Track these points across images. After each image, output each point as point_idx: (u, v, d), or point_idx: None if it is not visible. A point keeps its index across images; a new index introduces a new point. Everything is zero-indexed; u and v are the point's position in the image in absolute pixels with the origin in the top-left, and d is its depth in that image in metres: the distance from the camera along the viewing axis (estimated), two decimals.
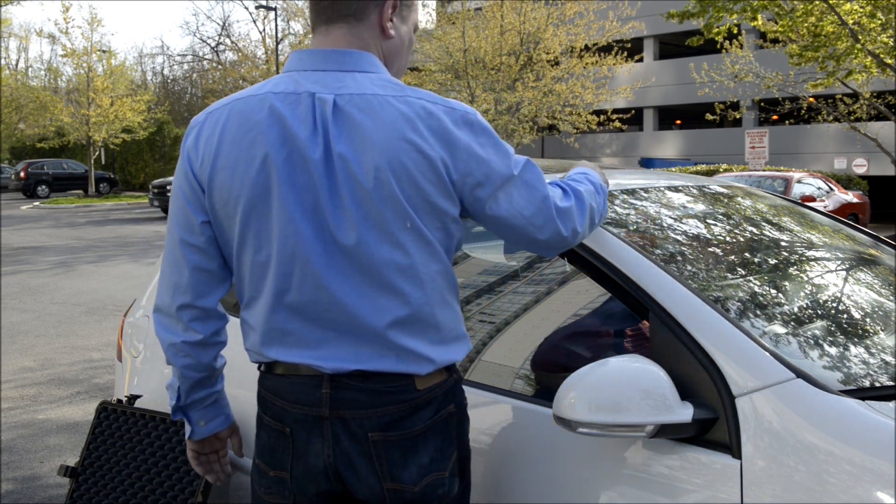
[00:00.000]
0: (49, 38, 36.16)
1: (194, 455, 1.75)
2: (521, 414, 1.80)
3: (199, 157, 1.50)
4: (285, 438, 1.50)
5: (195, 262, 1.53)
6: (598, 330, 2.04)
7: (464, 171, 1.43)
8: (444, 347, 1.48)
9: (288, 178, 1.42)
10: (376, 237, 1.41)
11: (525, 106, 24.23)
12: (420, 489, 1.46)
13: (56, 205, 27.89)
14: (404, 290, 1.43)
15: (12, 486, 3.92)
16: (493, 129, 1.48)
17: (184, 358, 1.59)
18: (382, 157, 1.39)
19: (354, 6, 1.49)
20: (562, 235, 1.52)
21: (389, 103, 1.42)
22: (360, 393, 1.45)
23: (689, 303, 1.62)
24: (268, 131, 1.43)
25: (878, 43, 13.30)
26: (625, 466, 1.60)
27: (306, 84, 1.45)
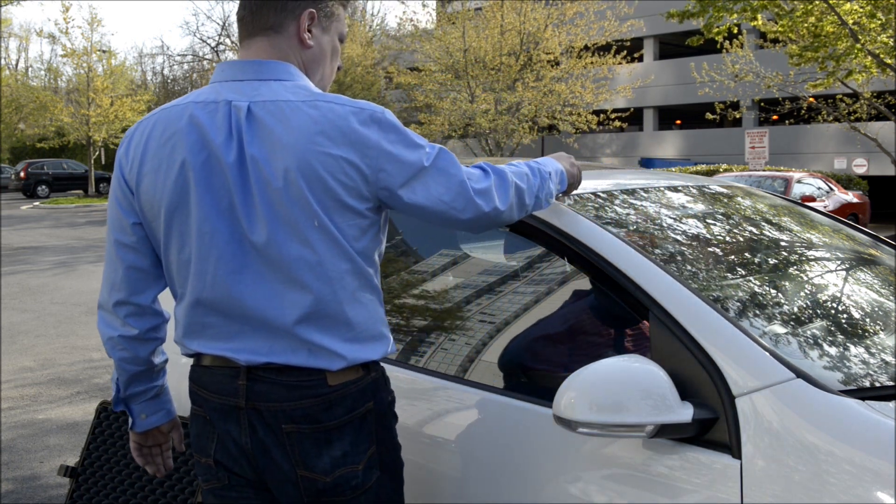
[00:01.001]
0: (49, 38, 36.23)
1: (136, 447, 1.81)
2: (520, 414, 1.80)
3: (128, 164, 1.60)
4: (208, 425, 1.60)
5: (129, 261, 1.63)
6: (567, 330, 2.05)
7: (375, 168, 1.49)
8: (358, 345, 1.53)
9: (205, 181, 1.51)
10: (286, 235, 1.48)
11: (525, 106, 24.22)
12: (332, 479, 1.53)
13: (56, 205, 27.89)
14: (312, 286, 1.49)
15: (12, 486, 3.92)
16: (401, 125, 1.54)
17: (121, 352, 1.66)
18: (292, 159, 1.46)
19: (272, 20, 1.59)
20: (483, 212, 1.57)
21: (300, 108, 1.49)
22: (275, 386, 1.51)
23: (689, 303, 1.62)
24: (187, 138, 1.52)
25: (878, 43, 13.29)
26: (625, 466, 1.60)
27: (224, 93, 1.54)
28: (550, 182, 1.75)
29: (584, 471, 1.67)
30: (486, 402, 1.85)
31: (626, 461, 1.59)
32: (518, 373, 2.09)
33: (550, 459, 1.72)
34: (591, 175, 2.58)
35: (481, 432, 1.84)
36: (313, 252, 1.49)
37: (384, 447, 1.61)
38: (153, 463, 1.83)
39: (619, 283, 1.72)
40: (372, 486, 1.57)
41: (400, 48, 31.48)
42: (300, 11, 1.59)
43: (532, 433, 1.76)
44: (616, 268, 1.73)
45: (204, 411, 1.60)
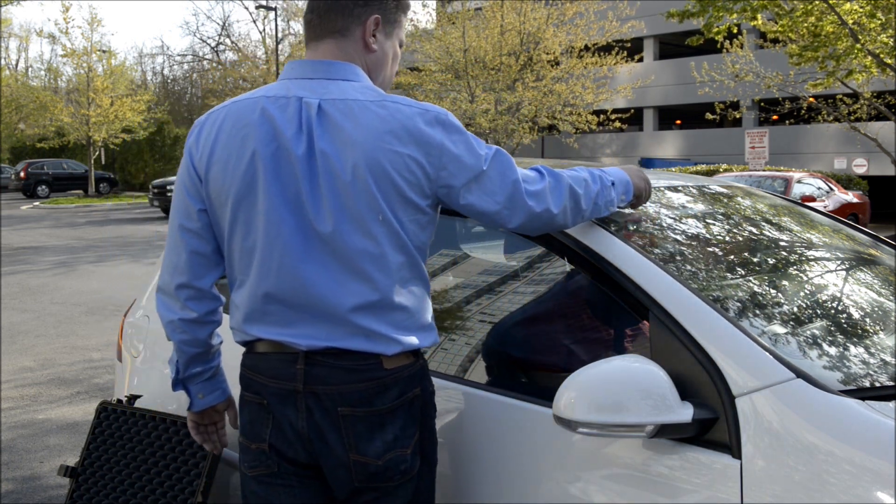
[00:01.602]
0: (49, 38, 36.22)
1: (194, 425, 1.90)
2: (520, 413, 1.80)
3: (198, 152, 1.66)
4: (264, 410, 1.64)
5: (192, 246, 1.68)
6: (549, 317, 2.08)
7: (438, 166, 1.57)
8: (410, 333, 1.62)
9: (273, 172, 1.57)
10: (351, 227, 1.55)
11: (525, 106, 24.22)
12: (383, 463, 1.59)
13: (56, 205, 27.89)
14: (373, 277, 1.57)
15: (12, 486, 3.92)
16: (463, 127, 1.62)
17: (181, 334, 1.73)
18: (361, 155, 1.54)
19: (340, 24, 1.67)
20: (536, 213, 1.63)
21: (369, 108, 1.57)
22: (332, 369, 1.58)
23: (689, 303, 1.62)
24: (258, 130, 1.59)
25: (878, 43, 13.29)
26: (625, 466, 1.60)
27: (295, 90, 1.62)
28: (612, 190, 1.77)
29: (584, 471, 1.67)
30: (486, 401, 1.85)
31: (626, 461, 1.59)
32: (501, 362, 2.10)
33: (550, 459, 1.72)
34: None
35: (481, 432, 1.84)
36: (376, 244, 1.56)
37: (425, 436, 1.68)
38: (209, 440, 1.92)
39: (619, 283, 1.72)
40: (415, 475, 1.64)
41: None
42: (366, 17, 1.68)
43: (532, 433, 1.77)
44: (616, 268, 1.73)
45: (260, 397, 1.65)
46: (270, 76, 34.38)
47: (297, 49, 38.04)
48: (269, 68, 34.95)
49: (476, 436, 1.85)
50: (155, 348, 2.79)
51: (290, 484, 1.66)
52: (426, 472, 1.69)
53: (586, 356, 1.99)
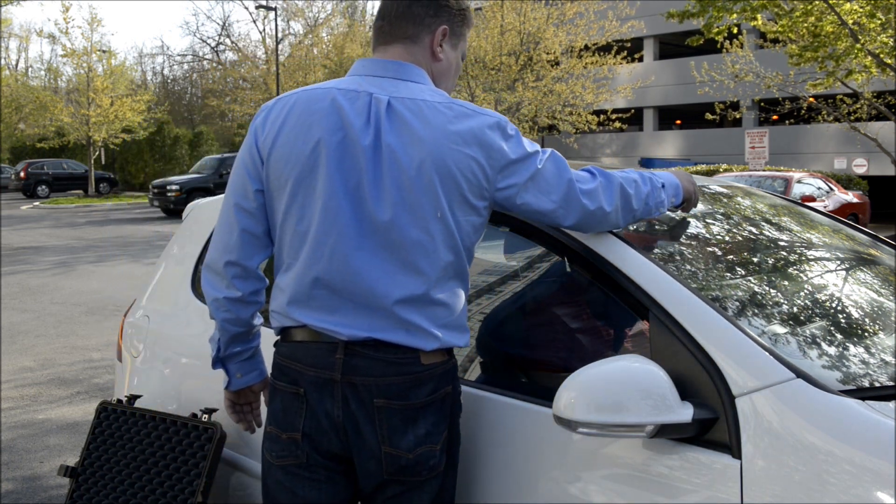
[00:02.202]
0: (49, 38, 36.25)
1: (230, 404, 1.92)
2: (519, 413, 1.80)
3: (264, 133, 1.70)
4: (299, 399, 1.66)
5: (245, 225, 1.71)
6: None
7: (496, 169, 1.64)
8: (449, 331, 1.65)
9: (337, 161, 1.62)
10: (409, 220, 1.60)
11: (525, 106, 24.22)
12: (414, 457, 1.62)
13: (56, 205, 27.89)
14: (423, 271, 1.61)
15: (12, 486, 3.92)
16: (520, 133, 1.70)
17: (224, 313, 1.76)
18: (427, 152, 1.60)
19: (411, 30, 1.74)
20: (589, 211, 1.69)
21: (437, 108, 1.64)
22: (371, 361, 1.61)
23: (689, 303, 1.62)
24: (326, 118, 1.64)
25: (878, 43, 13.28)
26: (625, 466, 1.60)
27: (365, 86, 1.68)
28: (662, 192, 1.83)
29: (584, 471, 1.67)
30: (485, 401, 1.85)
31: (626, 461, 1.60)
32: (494, 360, 2.11)
33: (550, 459, 1.73)
34: None
35: (480, 431, 1.84)
36: (431, 240, 1.61)
37: (452, 434, 1.71)
38: (245, 420, 1.94)
39: (619, 283, 1.72)
40: (441, 472, 1.67)
41: None
42: (436, 27, 1.75)
43: (532, 432, 1.77)
44: (616, 268, 1.73)
45: (296, 386, 1.67)
46: (270, 76, 34.40)
47: (297, 49, 38.07)
48: (269, 68, 34.96)
49: (476, 435, 1.85)
50: (155, 348, 2.79)
51: (317, 478, 1.68)
52: (450, 470, 1.71)
53: (571, 353, 1.99)
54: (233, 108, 37.78)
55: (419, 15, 1.74)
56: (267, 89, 35.19)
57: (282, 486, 1.70)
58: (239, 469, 2.33)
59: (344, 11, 42.22)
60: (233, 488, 2.37)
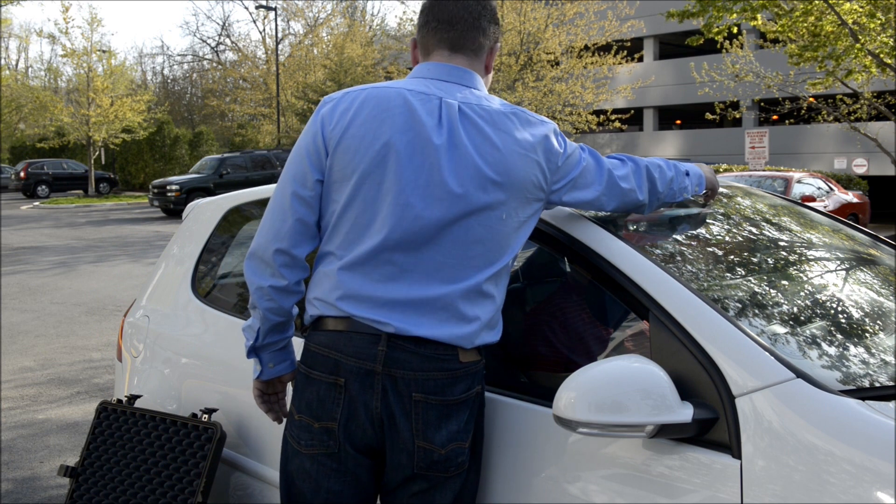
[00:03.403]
0: (49, 38, 36.06)
1: (259, 394, 1.91)
2: (519, 413, 1.80)
3: (332, 123, 1.72)
4: (337, 389, 1.68)
5: (300, 214, 1.72)
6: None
7: (553, 170, 1.74)
8: (488, 329, 1.70)
9: (407, 158, 1.66)
10: (473, 219, 1.66)
11: (525, 106, 24.22)
12: (445, 452, 1.65)
13: (56, 205, 27.89)
14: (481, 268, 1.67)
15: (12, 486, 3.92)
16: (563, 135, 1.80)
17: (268, 301, 1.76)
18: (501, 158, 1.67)
19: (477, 44, 1.81)
20: (626, 195, 1.82)
21: (504, 114, 1.72)
22: (412, 356, 1.64)
23: (689, 303, 1.62)
24: (397, 117, 1.68)
25: (877, 43, 13.28)
26: (625, 466, 1.60)
27: (432, 89, 1.73)
28: (686, 179, 1.97)
29: (583, 471, 1.67)
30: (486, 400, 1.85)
31: (626, 461, 1.60)
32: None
33: (550, 458, 1.73)
34: None
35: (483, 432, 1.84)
36: (493, 239, 1.67)
37: (479, 434, 1.75)
38: (273, 410, 1.94)
39: (619, 283, 1.72)
40: (467, 470, 1.71)
41: (400, 48, 31.46)
42: (492, 43, 1.85)
43: (532, 433, 1.77)
44: (616, 268, 1.73)
45: (335, 376, 1.68)
46: (270, 76, 34.39)
47: (297, 49, 38.06)
48: (269, 68, 34.95)
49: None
50: (155, 348, 2.79)
51: (343, 469, 1.70)
52: (473, 468, 1.74)
53: (554, 350, 1.99)
54: (233, 108, 37.79)
55: (486, 29, 1.82)
56: (267, 89, 35.20)
57: (307, 474, 1.72)
58: (239, 469, 2.33)
59: (344, 11, 42.20)
60: (233, 488, 2.37)
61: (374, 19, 45.31)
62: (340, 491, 1.70)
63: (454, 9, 1.80)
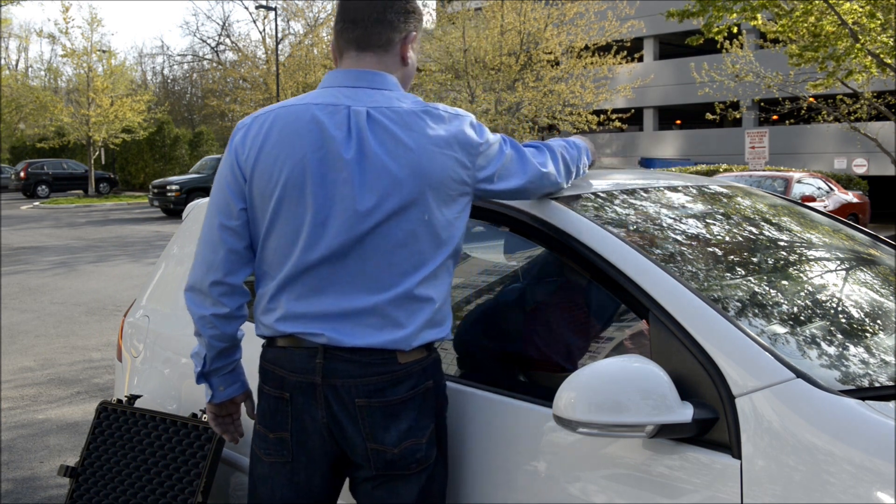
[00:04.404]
0: (49, 38, 36.07)
1: (213, 416, 1.96)
2: (519, 413, 1.80)
3: (245, 152, 1.73)
4: (284, 403, 1.72)
5: (230, 244, 1.75)
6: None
7: (476, 165, 1.73)
8: (430, 328, 1.69)
9: (320, 176, 1.66)
10: (396, 224, 1.65)
11: (525, 106, 24.21)
12: (399, 451, 1.67)
13: (56, 205, 27.88)
14: (409, 272, 1.66)
15: (12, 486, 3.92)
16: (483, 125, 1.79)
17: (211, 329, 1.79)
18: (415, 159, 1.65)
19: (385, 39, 1.78)
20: (548, 179, 1.87)
21: (416, 114, 1.70)
22: (349, 364, 1.66)
23: (689, 303, 1.62)
24: (308, 135, 1.67)
25: (878, 43, 13.28)
26: (625, 466, 1.60)
27: (342, 98, 1.71)
28: (584, 155, 2.06)
29: (583, 471, 1.67)
30: (486, 401, 1.85)
31: (626, 461, 1.60)
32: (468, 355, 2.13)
33: (550, 458, 1.73)
34: (590, 175, 2.58)
35: (481, 432, 1.84)
36: (417, 241, 1.66)
37: (441, 427, 1.76)
38: (227, 431, 1.98)
39: (619, 283, 1.72)
40: (432, 464, 1.72)
41: None
42: (406, 33, 1.81)
43: (531, 432, 1.77)
44: (616, 268, 1.73)
45: (281, 391, 1.72)
46: (270, 76, 34.38)
47: (297, 49, 38.03)
48: (270, 68, 34.93)
49: (476, 435, 1.85)
50: (155, 348, 2.79)
51: (297, 480, 1.74)
52: (440, 461, 1.75)
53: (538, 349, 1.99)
54: (233, 108, 37.75)
55: (392, 21, 1.78)
56: (267, 89, 35.19)
57: (266, 480, 1.77)
58: (239, 469, 2.33)
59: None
60: (233, 488, 2.37)
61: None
62: (293, 500, 1.75)
63: (357, 6, 1.78)
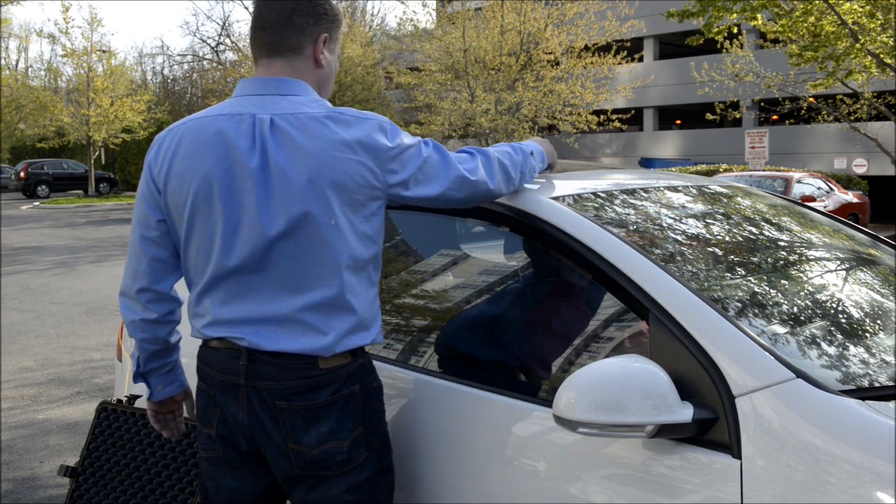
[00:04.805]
0: (49, 38, 36.06)
1: (153, 414, 2.02)
2: (519, 413, 1.80)
3: (157, 166, 1.79)
4: (212, 399, 1.79)
5: (152, 254, 1.81)
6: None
7: (386, 170, 1.71)
8: (353, 334, 1.71)
9: (227, 186, 1.69)
10: (303, 232, 1.66)
11: (525, 106, 24.20)
12: (319, 453, 1.69)
13: (56, 205, 27.88)
14: (322, 278, 1.67)
15: (12, 486, 3.92)
16: (399, 129, 1.77)
17: (142, 333, 1.87)
18: (315, 164, 1.65)
19: (294, 41, 1.78)
20: (475, 188, 1.80)
21: (319, 119, 1.69)
22: (272, 367, 1.69)
23: (689, 303, 1.62)
24: (214, 147, 1.70)
25: (878, 43, 13.28)
26: (625, 466, 1.60)
27: (248, 107, 1.73)
28: (532, 159, 1.98)
29: (583, 471, 1.67)
30: (485, 401, 1.85)
31: (626, 461, 1.60)
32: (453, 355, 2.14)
33: (549, 459, 1.73)
34: (591, 175, 2.58)
35: (481, 432, 1.84)
36: (327, 246, 1.66)
37: (371, 429, 1.76)
38: (167, 428, 2.04)
39: (619, 283, 1.72)
40: (359, 465, 1.73)
41: (400, 48, 31.46)
42: (317, 35, 1.80)
43: (531, 432, 1.77)
44: (616, 268, 1.73)
45: (209, 388, 1.78)
46: None
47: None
48: None
49: (477, 435, 1.85)
50: None
51: (237, 466, 1.79)
52: (374, 461, 1.76)
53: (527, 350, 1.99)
54: None
55: (301, 25, 1.78)
56: None
57: (208, 474, 1.84)
58: None
59: (344, 11, 42.20)
60: None
61: (374, 19, 45.27)
62: (238, 487, 1.80)
63: (265, 12, 1.79)
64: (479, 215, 2.09)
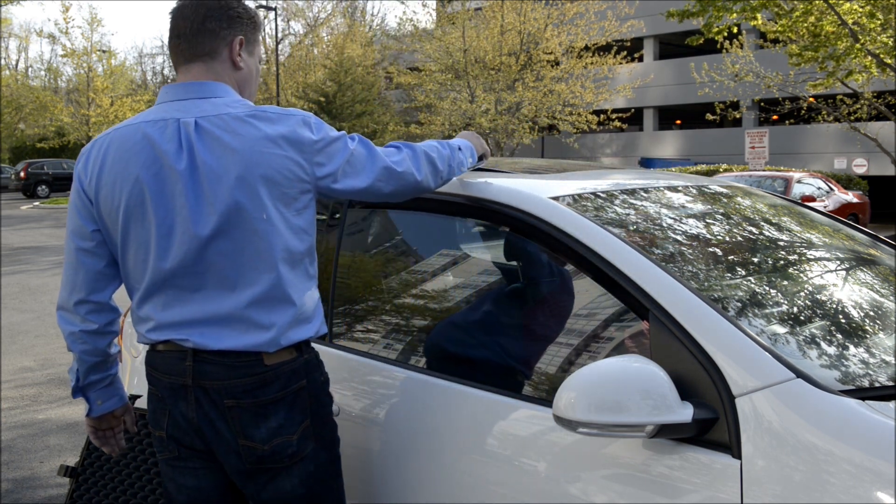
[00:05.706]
0: (49, 38, 36.22)
1: (92, 430, 2.01)
2: (520, 413, 1.80)
3: (87, 177, 1.80)
4: (161, 402, 1.80)
5: (88, 265, 1.83)
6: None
7: (313, 163, 1.74)
8: (293, 328, 1.74)
9: (158, 191, 1.71)
10: (236, 229, 1.69)
11: (525, 106, 24.21)
12: (269, 448, 1.73)
13: (56, 205, 27.88)
14: (259, 273, 1.70)
15: (12, 486, 3.92)
16: (325, 123, 1.80)
17: (82, 345, 1.86)
18: (242, 162, 1.68)
19: (209, 46, 1.81)
20: (403, 181, 1.85)
21: (243, 119, 1.72)
22: (217, 366, 1.72)
23: (689, 303, 1.62)
24: (140, 154, 1.73)
25: (878, 43, 13.28)
26: (625, 466, 1.60)
27: (171, 112, 1.76)
28: (460, 154, 2.03)
29: (583, 471, 1.67)
30: (485, 401, 1.85)
31: (626, 461, 1.60)
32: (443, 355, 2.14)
33: (549, 459, 1.73)
34: (591, 175, 2.57)
35: (480, 432, 1.84)
36: (261, 240, 1.69)
37: (318, 422, 1.80)
38: (108, 444, 2.03)
39: (619, 283, 1.72)
40: (308, 456, 1.77)
41: (400, 48, 31.47)
42: (231, 38, 1.83)
43: (532, 432, 1.77)
44: (616, 268, 1.73)
45: (158, 391, 1.80)
46: (270, 76, 34.39)
47: (297, 49, 38.07)
48: (270, 68, 34.94)
49: (476, 435, 1.85)
50: None
51: (194, 466, 1.81)
52: (322, 451, 1.80)
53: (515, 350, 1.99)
54: None
55: (214, 30, 1.81)
56: (267, 89, 35.20)
57: (167, 476, 1.85)
58: None
59: (344, 11, 42.21)
60: None
61: (374, 19, 45.33)
62: (196, 485, 1.82)
63: (179, 21, 1.82)
64: (479, 215, 2.09)
